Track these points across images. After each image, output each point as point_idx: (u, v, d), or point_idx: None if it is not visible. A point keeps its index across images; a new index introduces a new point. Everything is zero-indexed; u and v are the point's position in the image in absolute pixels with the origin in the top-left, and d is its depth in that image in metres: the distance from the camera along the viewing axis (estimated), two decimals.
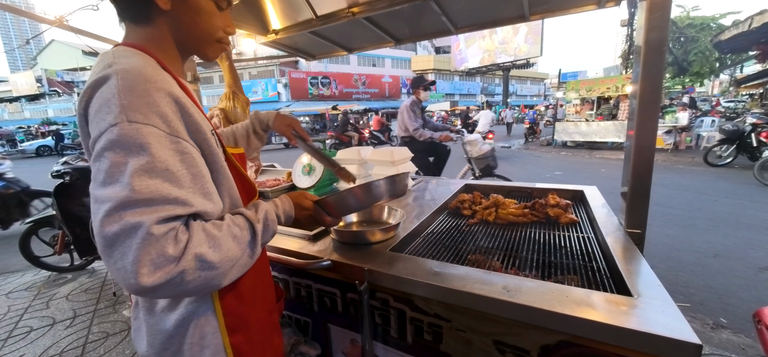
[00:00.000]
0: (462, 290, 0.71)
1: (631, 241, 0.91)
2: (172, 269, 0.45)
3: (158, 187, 0.45)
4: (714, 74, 15.32)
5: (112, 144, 0.45)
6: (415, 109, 3.38)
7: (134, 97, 0.46)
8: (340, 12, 1.75)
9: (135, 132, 0.45)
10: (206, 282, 0.49)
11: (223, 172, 0.59)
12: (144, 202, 0.44)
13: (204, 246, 0.48)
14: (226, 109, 1.80)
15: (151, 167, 0.45)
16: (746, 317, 2.03)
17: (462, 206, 1.39)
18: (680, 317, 0.56)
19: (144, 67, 0.50)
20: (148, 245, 0.43)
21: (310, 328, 1.07)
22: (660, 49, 0.86)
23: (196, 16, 0.59)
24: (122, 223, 0.43)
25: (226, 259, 0.50)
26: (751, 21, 6.46)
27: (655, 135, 0.91)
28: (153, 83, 0.49)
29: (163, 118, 0.48)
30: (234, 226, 0.55)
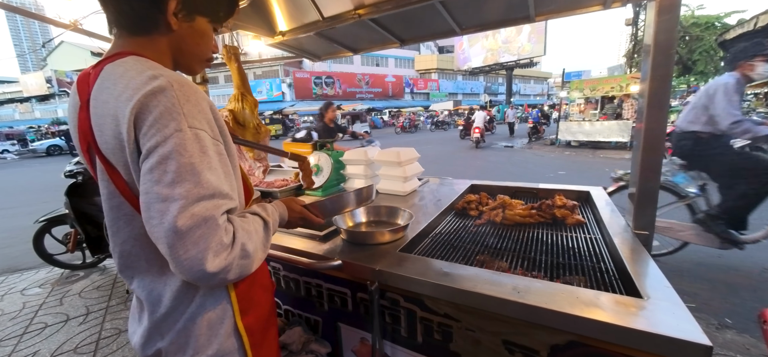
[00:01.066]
0: (471, 291, 0.73)
1: (638, 242, 0.92)
2: (227, 256, 0.51)
3: (217, 185, 0.52)
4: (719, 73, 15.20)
5: (180, 147, 0.49)
6: (736, 92, 2.14)
7: (191, 105, 0.52)
8: (346, 13, 1.76)
9: (196, 137, 0.51)
10: (242, 270, 0.55)
11: (236, 170, 0.64)
12: (209, 196, 0.50)
13: (244, 237, 0.55)
14: (235, 111, 1.82)
15: (210, 166, 0.52)
16: (751, 317, 2.03)
17: (469, 207, 1.40)
18: (690, 319, 0.57)
19: (186, 78, 0.55)
20: (215, 234, 0.50)
21: (321, 326, 1.08)
22: (668, 51, 0.86)
23: (198, 38, 0.63)
24: (195, 217, 0.48)
25: (256, 249, 0.57)
26: (757, 20, 6.39)
27: (664, 136, 0.91)
28: (199, 93, 0.54)
29: (210, 124, 0.55)
30: (254, 222, 0.61)
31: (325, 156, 1.79)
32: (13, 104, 33.22)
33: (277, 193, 1.74)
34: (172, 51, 0.63)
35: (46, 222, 2.94)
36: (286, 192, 1.79)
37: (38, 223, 2.93)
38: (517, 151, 9.73)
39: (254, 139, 1.91)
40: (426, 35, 2.21)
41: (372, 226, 1.19)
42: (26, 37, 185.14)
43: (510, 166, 7.46)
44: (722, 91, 2.18)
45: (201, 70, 0.71)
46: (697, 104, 2.36)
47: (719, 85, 2.23)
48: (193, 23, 0.61)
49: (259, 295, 0.72)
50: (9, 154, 17.30)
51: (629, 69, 12.35)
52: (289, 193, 1.81)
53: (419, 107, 28.69)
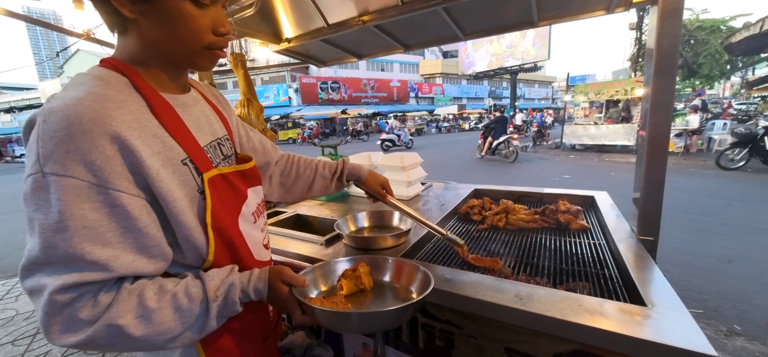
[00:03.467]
0: (474, 297, 0.73)
1: (643, 248, 0.91)
2: (83, 333, 0.42)
3: (68, 249, 0.41)
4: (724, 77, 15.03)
5: (28, 195, 0.42)
6: None
7: (54, 143, 0.41)
8: (351, 20, 1.79)
9: (47, 185, 0.41)
10: (133, 348, 0.46)
11: (178, 218, 0.50)
12: (55, 263, 0.41)
13: (127, 316, 0.44)
14: (241, 116, 1.85)
15: (63, 226, 0.41)
16: (761, 324, 1.99)
17: (472, 212, 1.40)
18: (695, 328, 0.57)
19: (77, 103, 0.43)
20: (55, 310, 0.41)
21: (323, 331, 1.08)
22: (672, 55, 0.86)
23: (170, 23, 0.50)
24: (32, 280, 0.42)
25: (156, 333, 0.46)
26: (762, 23, 6.33)
27: (668, 141, 0.91)
28: (78, 126, 0.42)
29: (89, 167, 0.42)
30: (183, 297, 0.49)
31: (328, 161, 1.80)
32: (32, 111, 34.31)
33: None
34: (154, 45, 0.52)
35: None
36: None
37: None
38: (521, 155, 9.69)
39: None
40: (430, 41, 2.22)
41: (374, 230, 1.20)
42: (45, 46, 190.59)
43: (514, 169, 7.42)
44: None
45: (206, 63, 0.55)
46: None
47: None
48: (152, 5, 0.48)
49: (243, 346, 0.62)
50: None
51: (634, 73, 12.26)
52: None
53: (424, 111, 28.74)
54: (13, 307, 2.61)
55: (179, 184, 0.51)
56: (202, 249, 0.54)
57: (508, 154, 8.15)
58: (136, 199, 0.46)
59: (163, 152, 0.50)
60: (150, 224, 0.48)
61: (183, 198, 0.51)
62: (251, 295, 0.57)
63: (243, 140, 0.80)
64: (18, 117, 35.29)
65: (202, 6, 0.52)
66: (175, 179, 0.50)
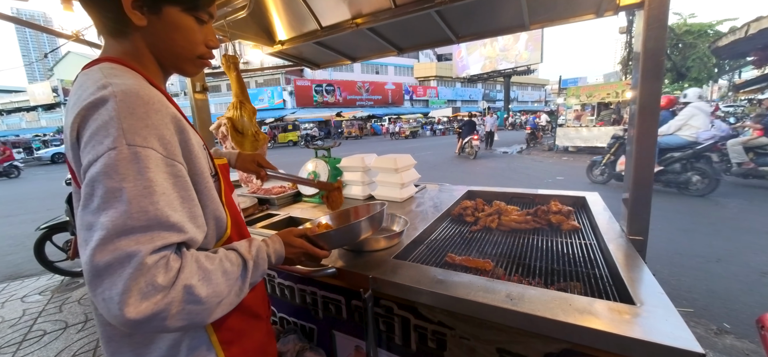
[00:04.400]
0: (465, 298, 0.72)
1: (633, 248, 0.92)
2: (159, 300, 0.43)
3: (156, 212, 0.44)
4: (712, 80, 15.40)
5: (110, 168, 0.43)
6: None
7: (134, 119, 0.45)
8: (344, 23, 1.79)
9: (134, 156, 0.44)
10: (190, 318, 0.46)
11: (209, 193, 0.57)
12: (141, 228, 0.43)
13: (195, 277, 0.47)
14: (234, 118, 1.84)
15: (149, 191, 0.44)
16: (749, 322, 2.02)
17: (465, 213, 1.40)
18: (683, 326, 0.57)
19: (141, 87, 0.48)
20: (140, 275, 0.42)
21: (316, 334, 1.07)
22: (658, 58, 0.88)
23: (173, 33, 0.56)
24: (117, 252, 0.41)
25: (214, 294, 0.48)
26: (748, 28, 6.51)
27: (655, 142, 0.92)
28: (152, 105, 0.48)
29: (161, 141, 0.48)
30: (226, 261, 0.53)
31: (321, 162, 1.79)
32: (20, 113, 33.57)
33: (274, 200, 1.74)
34: (152, 51, 0.57)
35: (48, 229, 2.94)
36: (283, 199, 1.79)
37: (39, 230, 2.94)
38: (515, 158, 9.77)
39: (252, 146, 1.92)
40: (423, 44, 2.24)
41: None
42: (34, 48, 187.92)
43: (509, 171, 7.48)
44: None
45: (194, 70, 0.62)
46: None
47: None
48: (160, 15, 0.54)
49: (249, 325, 0.66)
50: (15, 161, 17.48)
51: (625, 76, 12.51)
52: (286, 200, 1.81)
53: (419, 114, 28.88)
54: None
55: (206, 164, 0.58)
56: (223, 223, 0.61)
57: (471, 152, 9.32)
58: (187, 173, 0.52)
59: (195, 136, 0.57)
60: (195, 197, 0.53)
61: (210, 177, 0.58)
62: (272, 257, 0.63)
63: None
64: (6, 120, 34.61)
65: (201, 22, 0.59)
66: (203, 159, 0.57)
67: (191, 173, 0.54)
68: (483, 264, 0.94)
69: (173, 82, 21.08)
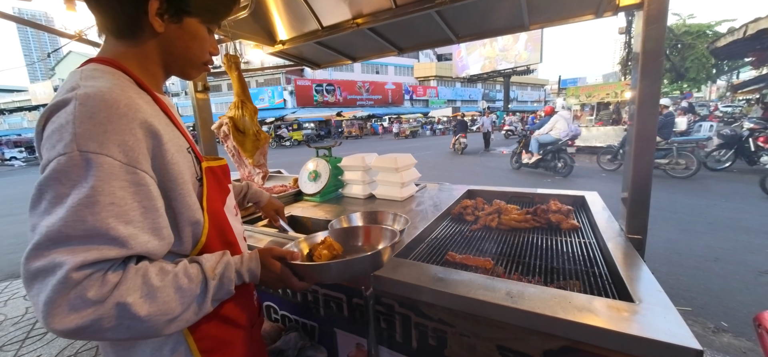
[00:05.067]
0: (466, 296, 0.73)
1: (631, 246, 0.93)
2: (88, 314, 0.41)
3: (96, 224, 0.42)
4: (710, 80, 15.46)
5: (59, 173, 0.42)
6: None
7: (92, 124, 0.44)
8: (345, 23, 1.80)
9: (85, 162, 0.43)
10: (132, 333, 0.45)
11: (184, 200, 0.54)
12: (77, 238, 0.42)
13: (133, 294, 0.44)
14: (235, 118, 1.84)
15: (93, 201, 0.42)
16: (747, 321, 2.04)
17: (465, 212, 1.41)
18: (681, 323, 0.58)
19: (110, 90, 0.47)
20: (66, 288, 0.40)
21: (317, 332, 1.08)
22: (657, 58, 0.89)
23: (190, 41, 0.58)
24: (46, 260, 0.41)
25: (160, 312, 0.46)
26: (746, 28, 6.54)
27: (654, 141, 0.93)
28: (115, 109, 0.46)
29: (122, 147, 0.46)
30: (183, 277, 0.50)
31: (322, 162, 1.80)
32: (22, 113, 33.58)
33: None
34: (162, 55, 0.58)
35: None
36: (284, 198, 1.80)
37: None
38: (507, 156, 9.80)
39: (254, 145, 1.92)
40: (423, 44, 2.24)
41: None
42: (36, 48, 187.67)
43: (509, 171, 7.50)
44: None
45: (197, 75, 0.64)
46: None
47: None
48: (181, 25, 0.56)
49: (233, 333, 0.64)
50: (17, 161, 17.54)
51: (624, 76, 12.54)
52: (287, 199, 1.82)
53: (418, 114, 28.88)
54: (1, 311, 2.55)
55: (186, 169, 0.56)
56: (199, 229, 0.58)
57: (458, 148, 10.54)
58: (153, 181, 0.50)
59: (174, 140, 0.55)
60: (162, 206, 0.51)
61: (189, 181, 0.56)
62: (245, 276, 0.60)
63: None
64: (8, 119, 34.53)
65: (210, 33, 0.62)
66: (184, 164, 0.55)
67: (164, 180, 0.52)
68: (483, 262, 0.94)
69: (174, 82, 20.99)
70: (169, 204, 0.53)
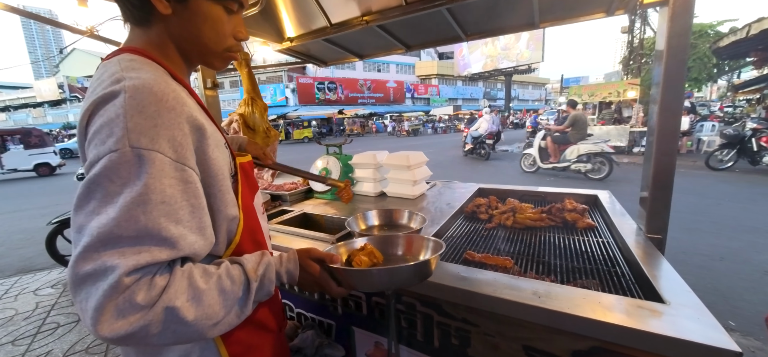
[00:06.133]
0: (492, 295, 0.73)
1: (653, 246, 0.92)
2: (136, 319, 0.40)
3: (148, 224, 0.41)
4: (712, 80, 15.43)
5: (110, 171, 0.40)
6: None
7: (142, 118, 0.42)
8: (353, 20, 1.78)
9: (137, 159, 0.41)
10: (177, 337, 0.44)
11: (223, 196, 0.53)
12: (129, 239, 0.40)
13: (181, 298, 0.43)
14: (246, 115, 1.83)
15: (145, 199, 0.41)
16: (755, 320, 2.04)
17: (478, 210, 1.40)
18: (716, 325, 0.57)
19: (156, 82, 0.45)
20: (116, 292, 0.39)
21: (334, 330, 1.07)
22: (682, 55, 0.88)
23: (201, 24, 0.52)
24: (97, 262, 0.39)
25: (205, 316, 0.45)
26: (749, 28, 6.53)
27: (677, 140, 0.92)
28: (165, 102, 0.44)
29: (172, 143, 0.44)
30: (226, 279, 0.49)
31: (333, 159, 1.79)
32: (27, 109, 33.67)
33: (286, 196, 1.74)
34: (177, 42, 0.54)
35: (59, 223, 2.96)
36: (295, 195, 1.79)
37: (51, 224, 2.96)
38: (516, 155, 9.78)
39: (264, 142, 1.91)
40: (432, 41, 2.23)
41: (384, 229, 1.19)
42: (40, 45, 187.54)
43: (512, 170, 7.49)
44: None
45: (221, 64, 0.58)
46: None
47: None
48: (186, 4, 0.50)
49: (261, 338, 0.63)
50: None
51: (626, 75, 12.51)
52: (298, 196, 1.81)
53: (420, 112, 28.84)
54: (12, 306, 2.56)
55: (225, 164, 0.54)
56: (234, 227, 0.56)
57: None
58: (198, 178, 0.48)
59: (214, 134, 0.53)
60: (206, 205, 0.49)
61: (228, 176, 0.55)
62: (284, 277, 0.58)
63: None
64: (13, 116, 34.52)
65: (230, 12, 0.55)
66: (222, 159, 0.53)
67: (205, 176, 0.50)
68: (503, 261, 0.94)
69: None
70: (209, 201, 0.51)
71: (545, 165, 6.36)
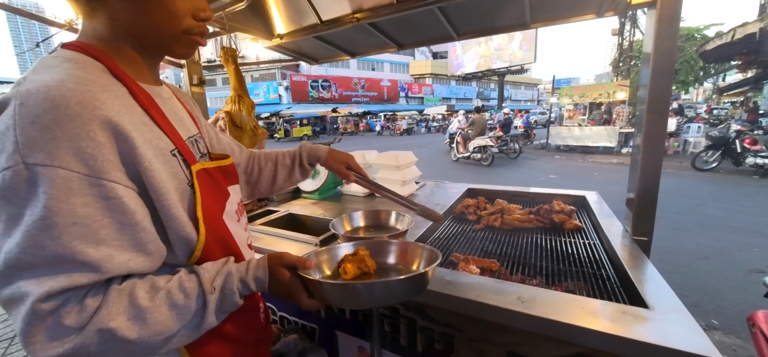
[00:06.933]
0: (476, 300, 0.71)
1: (638, 249, 0.92)
2: (70, 341, 0.37)
3: (57, 249, 0.37)
4: (698, 82, 15.83)
5: (6, 192, 0.36)
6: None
7: (36, 130, 0.36)
8: (344, 17, 1.75)
9: (32, 177, 0.36)
10: (126, 353, 0.42)
11: (169, 212, 0.47)
12: (40, 265, 0.37)
13: (118, 318, 0.40)
14: (232, 112, 1.77)
15: (49, 223, 0.36)
16: (737, 318, 2.09)
17: (467, 211, 1.39)
18: (700, 331, 0.57)
19: (59, 84, 0.38)
20: (36, 318, 0.36)
21: (318, 334, 1.05)
22: (669, 58, 0.87)
23: (145, 5, 0.46)
24: (12, 288, 0.36)
25: (152, 333, 0.42)
26: (734, 33, 6.71)
27: (663, 143, 0.92)
28: (65, 109, 0.37)
29: (80, 155, 0.38)
30: (178, 292, 0.45)
31: None
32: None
33: (272, 195, 1.70)
34: (128, 31, 0.48)
35: None
36: (282, 195, 1.75)
37: None
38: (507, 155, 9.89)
39: (251, 141, 1.86)
40: (424, 40, 2.21)
41: (371, 230, 1.16)
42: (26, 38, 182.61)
43: (503, 169, 7.55)
44: None
45: (185, 50, 0.52)
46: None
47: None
48: None
49: (233, 350, 0.58)
50: None
51: (616, 77, 12.74)
52: (285, 196, 1.77)
53: (414, 111, 28.88)
54: None
55: (170, 176, 0.48)
56: (191, 243, 0.50)
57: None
58: (131, 192, 0.43)
59: (153, 141, 0.47)
60: (146, 218, 0.44)
61: (173, 191, 0.48)
62: (251, 285, 0.52)
63: (213, 142, 0.74)
64: None
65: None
66: (165, 170, 0.47)
67: (144, 190, 0.45)
68: (489, 264, 0.92)
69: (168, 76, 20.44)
70: (155, 215, 0.46)
71: (460, 155, 8.43)
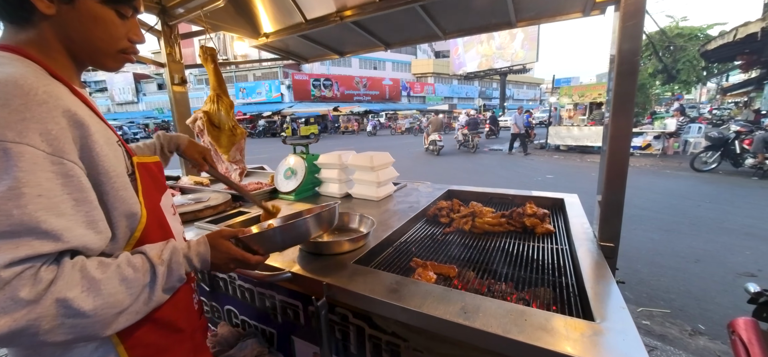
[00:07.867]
0: (417, 310, 0.68)
1: (602, 256, 0.89)
2: (22, 316, 0.39)
3: (23, 217, 0.40)
4: (701, 82, 15.65)
5: None
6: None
7: (7, 112, 0.41)
8: (329, 16, 1.74)
9: (2, 153, 0.40)
10: (76, 332, 0.43)
11: (117, 194, 0.51)
12: (4, 234, 0.39)
13: (74, 289, 0.42)
14: (210, 112, 1.75)
15: (17, 193, 0.40)
16: (723, 323, 2.05)
17: (440, 214, 1.36)
18: (640, 346, 0.54)
19: (24, 76, 0.43)
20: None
21: (276, 339, 1.03)
22: (633, 58, 0.84)
23: (90, 25, 0.51)
24: None
25: (106, 305, 0.44)
26: (736, 32, 6.60)
27: (629, 143, 0.89)
28: (34, 96, 0.43)
29: (45, 136, 0.43)
30: (127, 267, 0.48)
31: (299, 159, 1.73)
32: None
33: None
34: (63, 42, 0.52)
35: None
36: (260, 195, 1.73)
37: None
38: (507, 155, 9.82)
39: (229, 140, 1.84)
40: (410, 39, 2.18)
41: (334, 233, 1.14)
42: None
43: (500, 169, 7.51)
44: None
45: (115, 65, 0.57)
46: None
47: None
48: (73, 5, 0.49)
49: (171, 340, 0.60)
50: None
51: None
52: (262, 196, 1.75)
53: (415, 110, 28.79)
54: None
55: (118, 162, 0.53)
56: (136, 220, 0.55)
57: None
58: (83, 173, 0.47)
59: (101, 131, 0.51)
60: (95, 199, 0.48)
61: (123, 174, 0.53)
62: (195, 261, 0.58)
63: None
64: None
65: (123, 17, 0.55)
66: (114, 157, 0.52)
67: (94, 173, 0.49)
68: (447, 270, 0.90)
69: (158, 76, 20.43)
70: (101, 198, 0.50)
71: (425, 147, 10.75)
